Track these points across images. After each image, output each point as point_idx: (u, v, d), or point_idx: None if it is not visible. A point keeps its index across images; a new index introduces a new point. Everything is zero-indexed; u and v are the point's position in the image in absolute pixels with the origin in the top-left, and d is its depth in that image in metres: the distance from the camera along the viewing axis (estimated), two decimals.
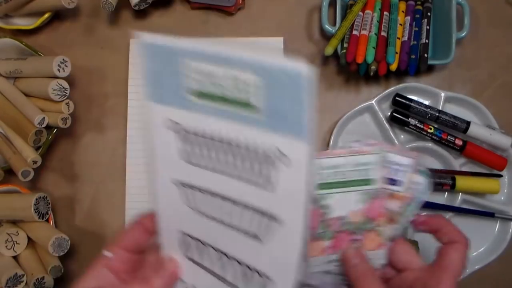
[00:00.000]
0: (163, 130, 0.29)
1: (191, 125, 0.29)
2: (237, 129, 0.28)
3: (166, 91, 0.29)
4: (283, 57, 0.26)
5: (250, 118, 0.27)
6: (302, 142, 0.25)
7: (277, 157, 0.26)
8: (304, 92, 0.25)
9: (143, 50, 0.29)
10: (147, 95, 0.29)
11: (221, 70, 0.27)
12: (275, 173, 0.27)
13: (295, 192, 0.27)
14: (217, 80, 0.27)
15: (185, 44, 0.29)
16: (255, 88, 0.26)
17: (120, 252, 0.33)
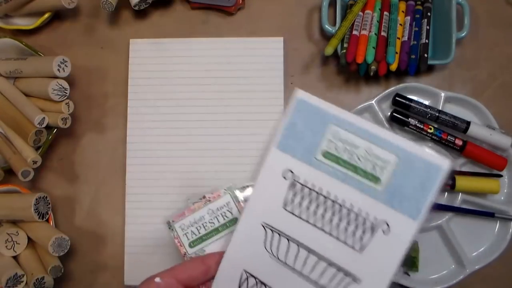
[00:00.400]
0: (278, 177, 0.32)
1: (310, 180, 0.31)
2: (354, 195, 0.30)
3: (299, 145, 0.32)
4: (426, 148, 0.29)
5: (371, 188, 0.30)
6: (413, 222, 0.28)
7: (381, 226, 0.29)
8: (436, 183, 0.28)
9: (295, 104, 0.32)
10: (278, 142, 0.32)
11: (362, 141, 0.30)
12: (371, 238, 0.30)
13: (387, 259, 0.29)
14: (353, 148, 0.31)
15: (337, 112, 0.32)
16: (387, 164, 0.30)
17: (171, 282, 0.33)
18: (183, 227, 0.39)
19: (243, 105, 0.54)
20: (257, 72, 0.55)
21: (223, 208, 0.39)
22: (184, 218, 0.39)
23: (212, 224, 0.39)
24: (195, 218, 0.39)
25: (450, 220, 0.53)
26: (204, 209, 0.39)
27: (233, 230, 0.36)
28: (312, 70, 0.57)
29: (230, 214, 0.39)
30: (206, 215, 0.39)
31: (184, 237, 0.39)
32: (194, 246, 0.39)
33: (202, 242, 0.39)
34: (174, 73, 0.55)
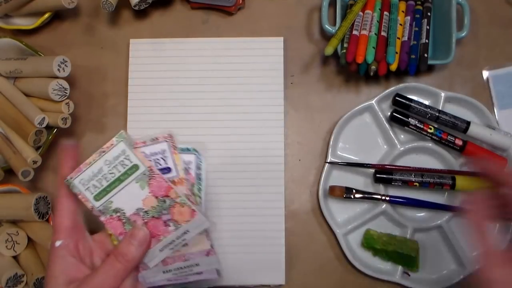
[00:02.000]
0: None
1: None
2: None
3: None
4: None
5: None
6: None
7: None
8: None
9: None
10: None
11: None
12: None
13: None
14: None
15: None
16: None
17: (65, 234, 0.35)
18: (83, 182, 0.37)
19: (243, 105, 0.54)
20: (257, 72, 0.55)
21: (120, 157, 0.38)
22: (82, 172, 0.37)
23: (113, 174, 0.37)
24: (93, 171, 0.37)
25: (450, 220, 0.53)
26: (101, 160, 0.37)
27: (136, 177, 0.37)
28: (312, 70, 0.57)
29: (128, 161, 0.37)
30: (104, 167, 0.37)
31: (87, 191, 0.37)
32: (99, 199, 0.37)
33: (107, 193, 0.37)
34: (174, 73, 0.55)
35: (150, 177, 0.37)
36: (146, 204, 0.37)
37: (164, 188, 0.37)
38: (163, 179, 0.37)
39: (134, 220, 0.37)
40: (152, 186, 0.37)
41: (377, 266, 0.53)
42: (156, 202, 0.37)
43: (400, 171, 0.52)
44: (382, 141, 0.55)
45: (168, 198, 0.37)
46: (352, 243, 0.53)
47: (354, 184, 0.53)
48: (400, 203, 0.53)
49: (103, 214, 0.37)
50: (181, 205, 0.37)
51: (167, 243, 0.38)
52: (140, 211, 0.37)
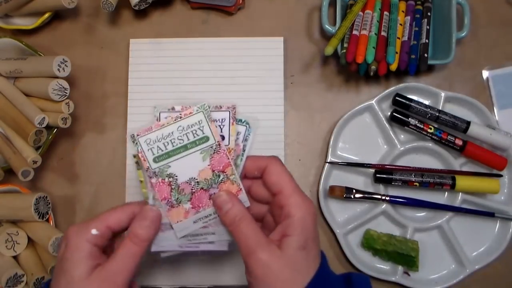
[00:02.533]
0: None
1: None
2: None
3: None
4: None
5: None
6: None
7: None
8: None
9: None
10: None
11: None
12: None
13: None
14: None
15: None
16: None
17: (104, 230, 0.36)
18: (149, 141, 0.37)
19: (243, 105, 0.54)
20: (257, 72, 0.55)
21: (194, 126, 0.37)
22: (150, 132, 0.37)
23: (181, 141, 0.37)
24: (163, 133, 0.37)
25: (450, 220, 0.53)
26: (174, 125, 0.37)
27: (202, 148, 0.37)
28: (312, 70, 0.57)
29: (201, 132, 0.37)
30: (175, 132, 0.37)
31: (149, 152, 0.37)
32: (158, 162, 0.37)
33: (168, 158, 0.37)
34: (174, 73, 0.55)
35: (215, 151, 0.37)
36: (201, 175, 0.37)
37: (224, 163, 0.38)
38: (225, 155, 0.38)
39: (182, 188, 0.37)
40: (214, 159, 0.37)
41: (377, 266, 0.53)
42: (211, 175, 0.38)
43: (400, 171, 0.52)
44: (382, 141, 0.55)
45: (223, 173, 0.38)
46: (352, 243, 0.53)
47: (354, 184, 0.53)
48: (400, 203, 0.53)
49: (156, 176, 0.37)
50: (231, 182, 0.38)
51: (203, 216, 0.38)
52: (192, 181, 0.38)
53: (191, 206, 0.38)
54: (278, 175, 0.37)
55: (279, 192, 0.36)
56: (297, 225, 0.34)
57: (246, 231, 0.35)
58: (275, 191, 0.36)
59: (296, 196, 0.35)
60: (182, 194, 0.38)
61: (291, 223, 0.34)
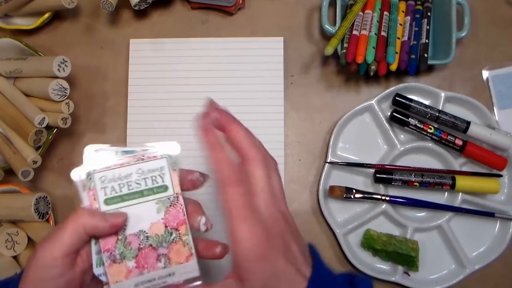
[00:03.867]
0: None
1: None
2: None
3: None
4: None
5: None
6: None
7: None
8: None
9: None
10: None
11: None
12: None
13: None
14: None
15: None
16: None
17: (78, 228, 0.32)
18: (104, 179, 0.33)
19: (243, 105, 0.54)
20: (257, 72, 0.55)
21: (155, 172, 0.34)
22: (108, 170, 0.33)
23: (138, 186, 0.34)
24: (121, 173, 0.33)
25: (450, 220, 0.53)
26: (134, 166, 0.34)
27: (159, 198, 0.34)
28: (312, 70, 0.57)
29: (161, 180, 0.34)
30: (134, 174, 0.34)
31: (101, 191, 0.33)
32: (110, 204, 0.33)
33: (121, 202, 0.33)
34: (174, 73, 0.55)
35: (172, 204, 0.34)
36: (152, 229, 0.34)
37: (179, 220, 0.34)
38: (182, 211, 0.34)
39: (129, 242, 0.33)
40: (169, 213, 0.34)
41: (377, 266, 0.53)
42: (163, 231, 0.34)
43: (400, 171, 0.52)
44: (382, 141, 0.55)
45: (176, 231, 0.34)
46: (352, 243, 0.53)
47: (354, 184, 0.53)
48: (400, 203, 0.53)
49: None
50: (184, 243, 0.34)
51: (146, 280, 0.33)
52: (142, 234, 0.33)
53: (135, 265, 0.33)
54: (238, 132, 0.36)
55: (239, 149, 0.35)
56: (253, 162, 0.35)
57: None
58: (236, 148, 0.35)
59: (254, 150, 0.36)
60: (128, 248, 0.33)
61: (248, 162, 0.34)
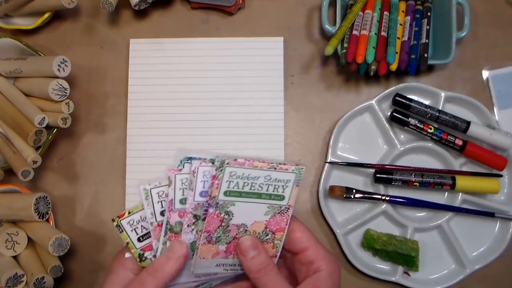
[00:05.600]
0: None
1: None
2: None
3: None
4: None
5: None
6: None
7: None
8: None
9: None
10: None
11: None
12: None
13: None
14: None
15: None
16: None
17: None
18: (233, 174, 0.34)
19: (243, 105, 0.54)
20: (257, 72, 0.55)
21: (280, 182, 0.36)
22: (240, 167, 0.34)
23: (260, 189, 0.35)
24: (250, 174, 0.35)
25: (450, 220, 0.53)
26: (265, 172, 0.35)
27: (272, 204, 0.36)
28: (312, 70, 0.57)
29: (281, 190, 0.36)
30: (261, 178, 0.35)
31: (226, 183, 0.34)
32: (228, 196, 0.35)
33: (239, 197, 0.35)
34: (174, 73, 0.55)
35: (281, 212, 0.36)
36: (253, 226, 0.36)
37: (280, 227, 0.36)
38: (286, 220, 0.36)
39: (230, 230, 0.35)
40: (274, 219, 0.36)
41: (377, 266, 0.53)
42: (262, 230, 0.36)
43: (400, 171, 0.52)
44: (382, 141, 0.55)
45: (273, 235, 0.36)
46: (352, 243, 0.53)
47: (354, 184, 0.53)
48: (400, 203, 0.53)
49: (215, 208, 0.35)
50: (273, 246, 0.36)
51: (229, 263, 0.36)
52: (242, 227, 0.36)
53: (225, 249, 0.36)
54: (302, 232, 0.36)
55: (306, 248, 0.35)
56: (328, 278, 0.34)
57: (273, 284, 0.33)
58: (300, 248, 0.36)
59: (324, 251, 0.35)
60: (226, 235, 0.36)
61: (321, 277, 0.34)
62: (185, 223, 0.35)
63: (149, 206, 0.37)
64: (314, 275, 0.34)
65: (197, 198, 0.35)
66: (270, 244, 0.36)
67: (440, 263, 0.53)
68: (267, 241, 0.36)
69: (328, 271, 0.34)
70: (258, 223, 0.36)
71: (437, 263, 0.53)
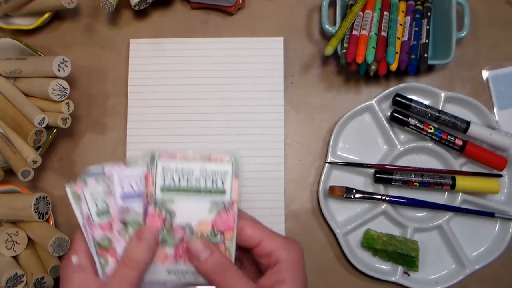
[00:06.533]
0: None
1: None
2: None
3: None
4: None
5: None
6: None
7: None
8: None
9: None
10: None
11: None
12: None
13: None
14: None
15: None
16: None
17: (84, 251, 0.33)
18: (166, 168, 0.34)
19: (243, 105, 0.54)
20: (257, 72, 0.55)
21: (217, 175, 0.34)
22: (172, 160, 0.34)
23: (197, 183, 0.34)
24: (183, 167, 0.34)
25: (450, 220, 0.53)
26: (198, 164, 0.34)
27: (214, 200, 0.34)
28: (312, 70, 0.57)
29: (221, 184, 0.34)
30: (196, 171, 0.34)
31: (161, 178, 0.34)
32: (165, 192, 0.34)
33: (177, 192, 0.34)
34: (174, 73, 0.55)
35: (226, 209, 0.35)
36: (199, 227, 0.35)
37: (228, 226, 0.35)
38: (233, 218, 0.35)
39: (174, 231, 0.34)
40: (220, 217, 0.35)
41: (377, 266, 0.53)
42: (209, 231, 0.35)
43: (400, 171, 0.52)
44: (382, 141, 0.55)
45: (222, 235, 0.35)
46: (352, 243, 0.53)
47: (354, 184, 0.53)
48: (400, 203, 0.53)
49: (154, 206, 0.34)
50: (225, 249, 0.35)
51: (180, 270, 0.35)
52: (188, 228, 0.35)
53: (173, 253, 0.34)
54: (252, 227, 0.34)
55: (259, 242, 0.34)
56: (289, 268, 0.32)
57: (233, 282, 0.32)
58: (254, 242, 0.34)
59: (281, 240, 0.34)
60: (171, 236, 0.34)
61: (282, 268, 0.32)
62: (115, 232, 0.34)
63: (77, 206, 0.34)
64: (275, 267, 0.33)
65: (120, 203, 0.34)
66: (222, 247, 0.35)
67: (440, 263, 0.53)
68: (217, 243, 0.34)
69: (289, 260, 0.33)
70: (204, 223, 0.34)
71: (437, 263, 0.53)
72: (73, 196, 0.34)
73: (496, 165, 0.52)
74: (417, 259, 0.51)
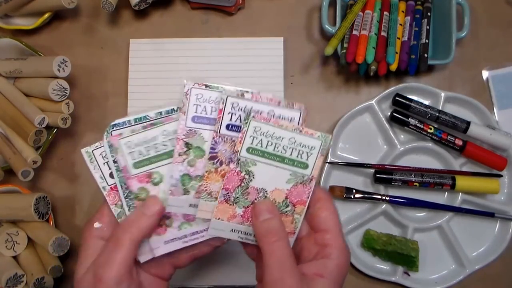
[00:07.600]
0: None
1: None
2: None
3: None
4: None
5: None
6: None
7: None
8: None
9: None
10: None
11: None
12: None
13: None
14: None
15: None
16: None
17: (107, 220, 0.34)
18: (258, 129, 0.33)
19: None
20: (257, 72, 0.55)
21: (304, 148, 0.34)
22: (263, 123, 0.34)
23: (284, 152, 0.34)
24: (275, 132, 0.34)
25: (450, 220, 0.53)
26: (289, 133, 0.34)
27: (294, 171, 0.34)
28: (312, 70, 0.57)
29: (305, 157, 0.34)
30: (285, 140, 0.34)
31: (250, 138, 0.33)
32: (251, 154, 0.34)
33: (262, 157, 0.34)
34: (174, 73, 0.55)
35: (303, 183, 0.35)
36: (273, 194, 0.35)
37: (301, 199, 0.35)
38: (308, 193, 0.35)
39: (249, 192, 0.34)
40: (295, 189, 0.35)
41: (377, 266, 0.53)
42: (282, 200, 0.35)
43: (400, 171, 0.52)
44: (382, 141, 0.55)
45: (293, 207, 0.35)
46: (352, 243, 0.53)
47: (354, 184, 0.53)
48: (400, 203, 0.53)
49: (236, 165, 0.34)
50: (292, 220, 0.35)
51: (244, 231, 0.35)
52: (262, 192, 0.35)
53: (242, 213, 0.34)
54: (330, 213, 0.34)
55: (326, 230, 0.33)
56: (335, 269, 0.32)
57: (281, 254, 0.32)
58: (321, 227, 0.34)
59: (342, 241, 0.33)
60: (244, 197, 0.34)
61: (329, 265, 0.32)
62: (176, 151, 0.34)
63: (96, 169, 0.35)
64: (321, 260, 0.33)
65: (189, 124, 0.34)
66: (289, 218, 0.35)
67: (440, 263, 0.53)
68: (286, 214, 0.34)
69: (338, 261, 0.32)
70: (279, 191, 0.34)
71: (437, 263, 0.53)
72: (109, 147, 0.34)
73: (496, 165, 0.52)
74: (417, 259, 0.51)
